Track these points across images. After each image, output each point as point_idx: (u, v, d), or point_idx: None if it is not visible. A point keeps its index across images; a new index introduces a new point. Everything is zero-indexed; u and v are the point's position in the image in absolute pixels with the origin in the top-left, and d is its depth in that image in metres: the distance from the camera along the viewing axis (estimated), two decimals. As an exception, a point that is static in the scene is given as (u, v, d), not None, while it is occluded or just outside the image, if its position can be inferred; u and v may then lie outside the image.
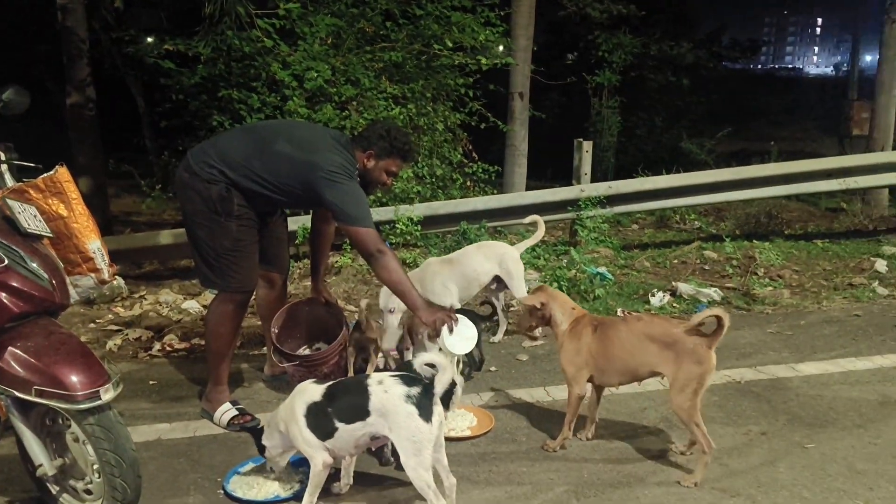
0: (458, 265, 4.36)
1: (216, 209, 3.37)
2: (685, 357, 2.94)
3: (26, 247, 2.58)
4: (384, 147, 3.51)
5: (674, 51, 13.06)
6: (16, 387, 2.38)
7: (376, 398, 2.58)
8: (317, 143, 3.43)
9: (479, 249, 4.58)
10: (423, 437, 2.52)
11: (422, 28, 7.24)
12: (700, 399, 2.95)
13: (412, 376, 2.65)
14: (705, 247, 6.86)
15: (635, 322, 3.18)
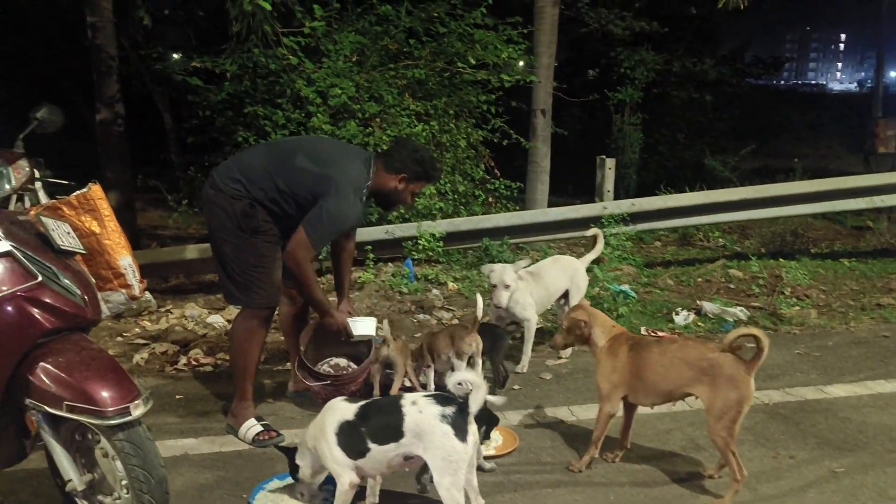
0: (540, 279, 4.43)
1: (240, 225, 3.41)
2: (723, 383, 2.89)
3: (59, 263, 2.62)
4: (417, 172, 3.58)
5: (697, 67, 12.99)
6: (47, 402, 2.41)
7: (411, 418, 2.57)
8: (336, 158, 3.50)
9: (555, 263, 4.66)
10: (458, 457, 2.51)
11: (445, 45, 7.28)
12: (738, 426, 2.90)
13: (446, 395, 2.65)
14: (730, 265, 6.80)
15: (669, 344, 3.15)
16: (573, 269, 4.63)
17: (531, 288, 4.36)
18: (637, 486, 3.10)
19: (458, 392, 2.64)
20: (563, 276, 4.56)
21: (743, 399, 2.88)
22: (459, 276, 6.25)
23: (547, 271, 4.53)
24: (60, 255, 2.66)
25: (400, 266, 6.26)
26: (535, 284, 4.39)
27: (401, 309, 5.55)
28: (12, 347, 2.41)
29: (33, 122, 2.98)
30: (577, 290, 4.60)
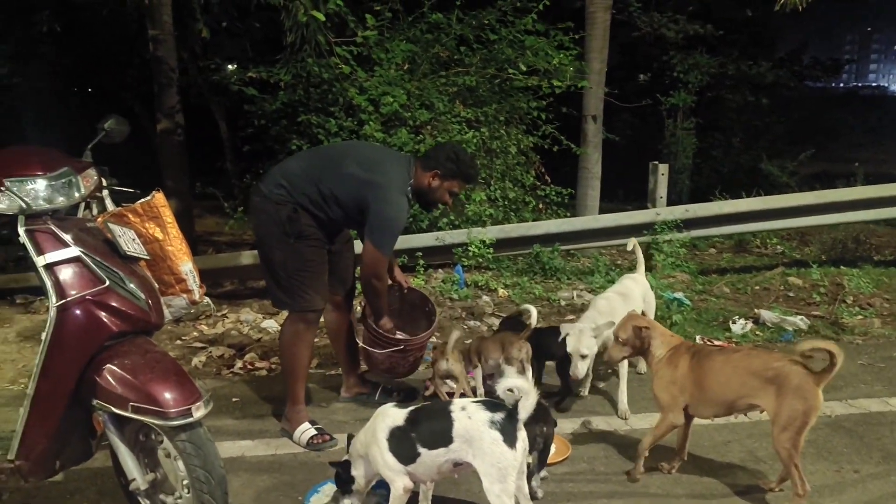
0: (628, 299, 4.13)
1: (286, 230, 3.49)
2: (789, 393, 2.81)
3: (125, 268, 2.71)
4: (451, 169, 3.61)
5: (752, 70, 12.70)
6: (113, 403, 2.49)
7: (460, 424, 2.57)
8: (379, 162, 3.58)
9: (634, 282, 4.36)
10: (507, 463, 2.50)
11: (495, 52, 7.30)
12: (803, 438, 2.82)
13: (495, 402, 2.64)
14: (789, 273, 6.61)
15: (733, 353, 3.08)
16: (645, 286, 4.43)
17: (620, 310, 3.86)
18: (694, 498, 3.04)
19: (507, 399, 2.63)
20: (639, 295, 4.30)
21: (810, 410, 2.80)
22: (510, 283, 6.23)
23: (631, 291, 4.23)
24: (126, 260, 2.74)
25: (450, 272, 6.28)
26: (625, 305, 4.00)
27: (451, 315, 5.56)
28: (81, 350, 2.50)
29: (101, 133, 3.09)
30: (650, 307, 4.40)
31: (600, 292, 5.96)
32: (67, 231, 2.57)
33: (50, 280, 2.48)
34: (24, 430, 2.50)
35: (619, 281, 4.46)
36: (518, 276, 6.40)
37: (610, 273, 6.50)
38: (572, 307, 5.78)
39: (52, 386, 2.48)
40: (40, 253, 2.50)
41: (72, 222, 2.66)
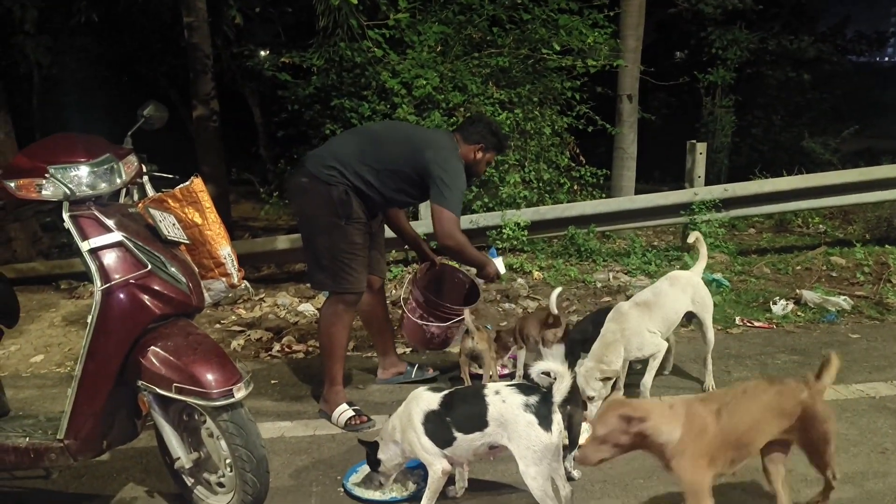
0: (657, 308, 3.65)
1: (337, 212, 3.52)
2: (814, 420, 2.51)
3: (166, 253, 2.76)
4: (493, 142, 3.75)
5: (794, 45, 12.35)
6: (157, 384, 2.55)
7: (494, 408, 2.58)
8: (425, 134, 3.88)
9: (672, 285, 3.81)
10: (543, 446, 2.50)
11: (529, 32, 7.22)
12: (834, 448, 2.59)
13: (529, 385, 2.64)
14: (831, 252, 6.45)
15: (760, 393, 2.55)
16: (693, 286, 3.85)
17: (645, 323, 3.59)
18: (737, 477, 3.00)
19: (541, 382, 2.62)
20: (682, 297, 3.78)
21: (831, 425, 2.54)
22: (545, 265, 6.19)
23: (666, 298, 3.72)
24: (167, 245, 2.80)
25: (484, 255, 6.25)
26: (650, 316, 3.62)
27: (486, 298, 5.55)
28: (125, 332, 2.56)
29: (140, 119, 3.13)
30: (704, 308, 3.86)
31: (636, 275, 5.98)
32: (110, 216, 2.62)
33: (94, 264, 2.54)
34: (73, 410, 2.57)
35: (655, 284, 3.91)
36: (553, 259, 6.36)
37: (646, 255, 6.42)
38: (608, 289, 5.73)
39: (99, 367, 2.55)
40: (84, 238, 2.55)
41: (114, 208, 2.72)
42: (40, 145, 2.74)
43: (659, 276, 5.78)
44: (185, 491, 2.84)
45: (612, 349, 3.46)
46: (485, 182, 6.88)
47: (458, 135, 3.74)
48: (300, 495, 2.97)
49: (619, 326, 3.53)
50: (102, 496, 3.02)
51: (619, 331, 3.51)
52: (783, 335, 4.76)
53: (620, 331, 3.51)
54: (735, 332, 4.81)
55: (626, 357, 3.56)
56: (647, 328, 3.56)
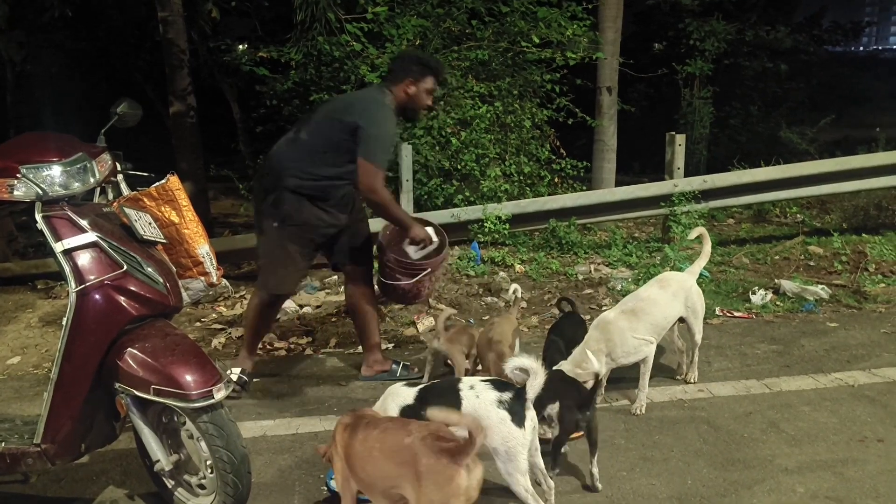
0: (644, 315, 3.54)
1: (271, 213, 3.71)
2: (427, 480, 2.20)
3: (142, 252, 2.72)
4: (419, 70, 3.74)
5: (770, 35, 12.44)
6: (135, 386, 2.52)
7: (468, 402, 2.59)
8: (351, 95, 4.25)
9: (663, 289, 3.67)
10: (516, 442, 2.51)
11: (508, 25, 7.20)
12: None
13: (503, 381, 2.64)
14: (809, 241, 6.52)
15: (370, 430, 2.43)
16: (685, 290, 3.71)
17: (630, 331, 3.50)
18: (716, 469, 3.03)
19: (516, 378, 2.62)
20: (674, 302, 3.66)
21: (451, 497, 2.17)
22: (526, 258, 6.20)
23: (654, 305, 3.58)
24: (143, 244, 2.76)
25: (466, 249, 6.26)
26: (638, 323, 3.52)
27: (468, 292, 5.55)
28: (101, 333, 2.53)
29: (114, 117, 3.09)
30: (695, 314, 3.75)
31: (617, 267, 6.00)
32: (84, 216, 2.58)
33: (69, 265, 2.50)
34: (49, 413, 2.53)
35: (645, 287, 3.78)
36: (534, 252, 6.36)
37: (627, 246, 6.45)
38: (589, 281, 5.74)
39: (75, 369, 2.51)
40: (58, 239, 2.51)
41: (88, 207, 2.68)
42: (12, 145, 2.69)
43: (639, 267, 5.86)
44: (166, 493, 2.81)
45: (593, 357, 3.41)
46: (465, 176, 6.87)
47: (388, 82, 3.79)
48: (283, 495, 2.95)
49: (602, 336, 3.48)
50: (82, 499, 2.98)
51: (602, 340, 3.47)
52: (762, 325, 4.80)
53: (604, 340, 3.47)
54: (715, 322, 4.84)
55: (614, 364, 3.52)
56: (632, 335, 3.49)
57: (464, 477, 2.15)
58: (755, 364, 4.15)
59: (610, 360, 3.49)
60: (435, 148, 6.80)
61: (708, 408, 3.59)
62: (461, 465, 2.15)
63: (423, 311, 5.15)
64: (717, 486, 2.91)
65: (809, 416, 3.48)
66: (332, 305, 5.49)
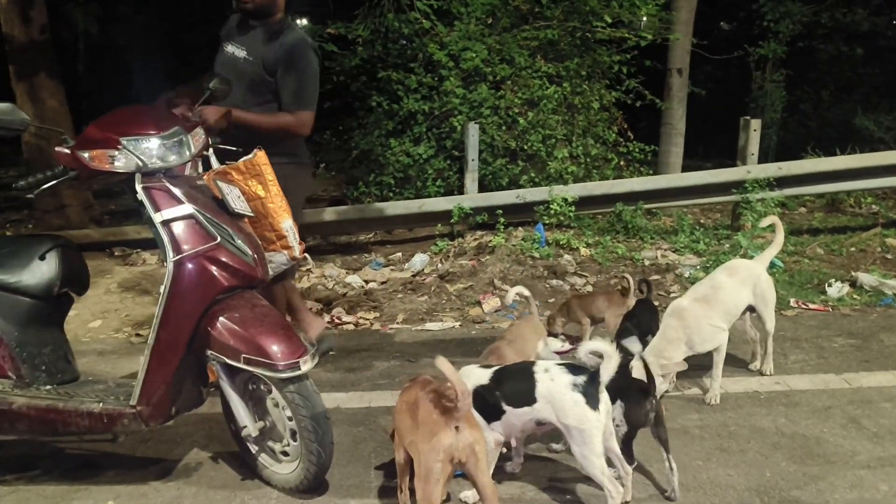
0: (717, 302, 3.52)
1: None
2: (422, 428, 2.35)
3: (233, 225, 2.79)
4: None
5: (847, 18, 11.93)
6: (227, 354, 2.60)
7: (542, 385, 2.59)
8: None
9: (731, 276, 3.63)
10: (590, 425, 2.51)
11: (578, 4, 7.07)
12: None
13: (577, 365, 2.64)
14: (887, 234, 6.30)
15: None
16: (754, 277, 3.64)
17: (706, 318, 3.47)
18: (794, 462, 2.98)
19: (590, 362, 2.62)
20: (742, 290, 3.61)
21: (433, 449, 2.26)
22: (592, 242, 6.14)
23: (725, 291, 3.56)
24: (233, 217, 2.83)
25: (531, 231, 6.23)
26: (710, 310, 3.50)
27: (533, 274, 5.54)
28: (196, 303, 2.62)
29: (206, 93, 3.16)
30: (765, 303, 3.66)
31: (684, 254, 5.90)
32: (180, 188, 2.66)
33: (167, 236, 2.59)
34: (145, 377, 2.63)
35: (713, 274, 3.75)
36: (600, 235, 6.30)
37: (694, 233, 6.33)
38: (656, 267, 5.67)
39: (171, 336, 2.61)
40: (157, 210, 2.60)
41: (183, 180, 2.76)
42: (111, 117, 2.77)
43: (707, 254, 5.76)
44: (250, 458, 2.91)
45: (673, 346, 3.41)
46: (531, 157, 6.82)
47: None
48: (360, 465, 3.02)
49: (680, 323, 3.45)
50: (168, 460, 3.10)
51: (680, 328, 3.44)
52: (839, 318, 4.68)
53: (682, 328, 3.44)
54: (790, 314, 4.74)
55: (691, 352, 3.48)
56: (708, 322, 3.46)
57: (448, 435, 2.26)
58: (832, 358, 4.05)
59: (687, 349, 3.44)
60: (501, 128, 6.77)
61: (785, 401, 3.52)
62: (449, 425, 2.27)
63: (489, 292, 5.17)
64: (796, 479, 2.87)
65: (891, 413, 3.38)
66: (397, 282, 5.55)
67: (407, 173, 6.86)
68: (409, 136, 6.89)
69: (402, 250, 6.56)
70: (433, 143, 6.83)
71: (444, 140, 6.83)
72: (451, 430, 2.28)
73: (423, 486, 2.27)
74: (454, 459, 2.29)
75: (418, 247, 6.57)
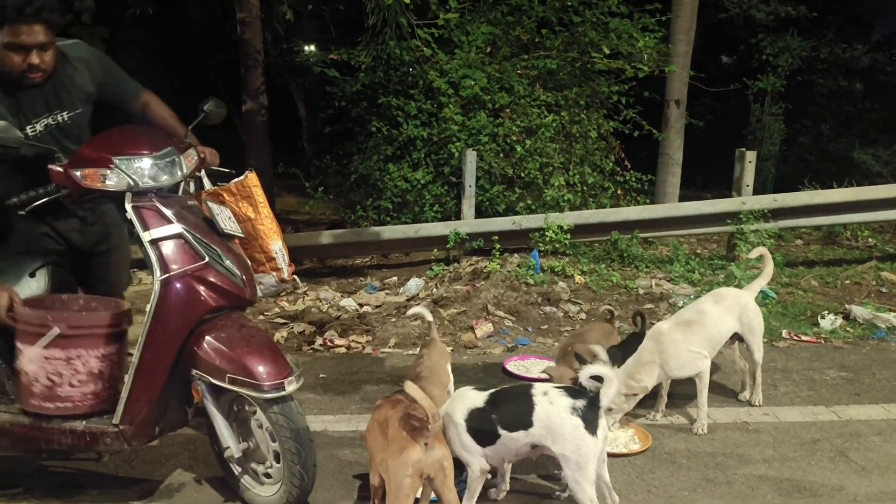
0: (699, 326, 3.51)
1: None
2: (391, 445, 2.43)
3: (223, 246, 2.81)
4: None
5: (847, 53, 12.07)
6: (212, 374, 2.60)
7: (541, 408, 2.58)
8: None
9: (717, 303, 3.63)
10: (588, 450, 2.50)
11: (578, 35, 7.17)
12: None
13: (577, 389, 2.64)
14: (882, 267, 6.30)
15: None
16: (740, 305, 3.64)
17: (686, 343, 3.46)
18: (781, 495, 2.96)
19: (590, 386, 2.62)
20: (728, 317, 3.60)
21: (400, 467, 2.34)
22: (587, 270, 6.15)
23: (709, 317, 3.55)
24: (223, 238, 2.85)
25: (526, 257, 6.25)
26: (691, 335, 3.48)
27: (527, 300, 5.54)
28: (182, 322, 2.62)
29: (201, 114, 3.19)
30: (751, 331, 3.65)
31: (679, 283, 5.91)
32: (170, 208, 2.68)
33: (154, 255, 2.60)
34: (129, 396, 2.63)
35: (699, 300, 3.75)
36: (595, 263, 6.31)
37: (689, 262, 6.34)
38: (650, 296, 5.67)
39: (156, 355, 2.61)
40: (146, 229, 2.62)
41: (174, 200, 2.78)
42: (105, 136, 2.80)
43: (702, 284, 5.77)
44: (232, 480, 2.89)
45: (646, 369, 3.39)
46: (528, 184, 6.86)
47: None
48: (343, 489, 3.01)
49: (656, 346, 3.43)
50: (152, 480, 3.08)
51: (657, 351, 3.43)
52: (831, 351, 4.67)
53: (658, 351, 3.42)
54: (782, 345, 4.73)
55: (668, 376, 3.49)
56: (687, 348, 3.44)
57: (417, 452, 2.33)
58: (823, 390, 4.03)
59: (663, 373, 3.43)
60: (499, 155, 6.82)
61: (773, 432, 3.51)
62: (417, 442, 2.33)
63: (483, 318, 5.17)
64: None
65: (880, 447, 3.37)
66: (391, 306, 5.56)
67: (405, 198, 6.89)
68: (408, 161, 6.94)
69: (397, 274, 6.58)
70: (431, 168, 6.88)
71: (442, 166, 6.88)
72: (421, 445, 2.32)
73: (394, 502, 2.27)
74: (423, 475, 2.32)
75: (414, 271, 6.59)
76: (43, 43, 2.72)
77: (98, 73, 3.04)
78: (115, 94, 3.15)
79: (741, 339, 3.74)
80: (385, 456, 2.40)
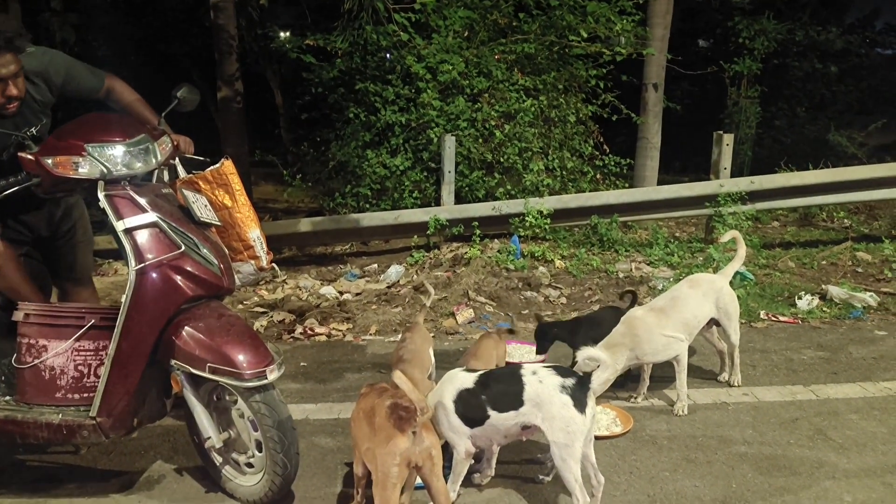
0: (674, 312, 3.51)
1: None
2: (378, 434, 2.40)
3: (199, 234, 2.77)
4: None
5: (821, 36, 12.15)
6: (191, 363, 2.57)
7: (531, 387, 2.59)
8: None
9: (693, 289, 3.63)
10: (576, 427, 2.52)
11: (555, 19, 7.14)
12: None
13: (566, 368, 2.65)
14: (857, 247, 6.38)
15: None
16: (716, 290, 3.64)
17: (659, 328, 3.45)
18: (761, 474, 2.99)
19: (586, 368, 2.63)
20: (704, 302, 3.60)
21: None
22: (566, 254, 6.17)
23: (684, 303, 3.55)
24: (199, 226, 2.81)
25: (506, 242, 6.24)
26: (666, 320, 3.48)
27: (508, 286, 5.54)
28: (159, 312, 2.58)
29: (174, 101, 3.13)
30: (727, 316, 3.66)
31: (658, 266, 5.94)
32: (144, 196, 2.63)
33: (129, 244, 2.56)
34: (105, 388, 2.59)
35: (675, 286, 3.76)
36: (575, 248, 6.33)
37: (669, 246, 6.38)
38: (630, 279, 5.70)
39: (133, 346, 2.57)
40: (119, 218, 2.57)
41: (148, 188, 2.73)
42: (77, 123, 2.74)
43: (681, 267, 5.80)
44: (213, 470, 2.86)
45: (615, 351, 3.35)
46: (508, 169, 6.85)
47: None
48: (326, 478, 2.99)
49: (627, 331, 3.43)
50: (131, 472, 3.05)
51: (628, 335, 3.42)
52: (809, 331, 4.72)
53: (629, 335, 3.42)
54: (760, 326, 4.78)
55: (642, 361, 3.50)
56: (661, 332, 3.44)
57: (404, 441, 2.29)
58: (801, 370, 4.08)
59: (633, 357, 3.43)
60: (478, 140, 6.79)
61: (753, 412, 3.54)
62: (404, 431, 2.30)
63: (463, 304, 5.16)
64: (762, 490, 2.87)
65: (857, 425, 3.41)
66: (372, 293, 5.53)
67: (384, 185, 6.85)
68: (387, 147, 6.90)
69: (377, 262, 6.55)
70: (410, 154, 6.84)
71: (420, 152, 6.84)
72: (409, 434, 2.29)
73: (381, 492, 2.27)
74: (411, 464, 2.30)
75: (394, 258, 6.56)
76: (16, 72, 2.76)
77: (55, 80, 3.02)
78: (77, 90, 3.12)
79: (717, 324, 3.76)
80: (371, 445, 2.38)
